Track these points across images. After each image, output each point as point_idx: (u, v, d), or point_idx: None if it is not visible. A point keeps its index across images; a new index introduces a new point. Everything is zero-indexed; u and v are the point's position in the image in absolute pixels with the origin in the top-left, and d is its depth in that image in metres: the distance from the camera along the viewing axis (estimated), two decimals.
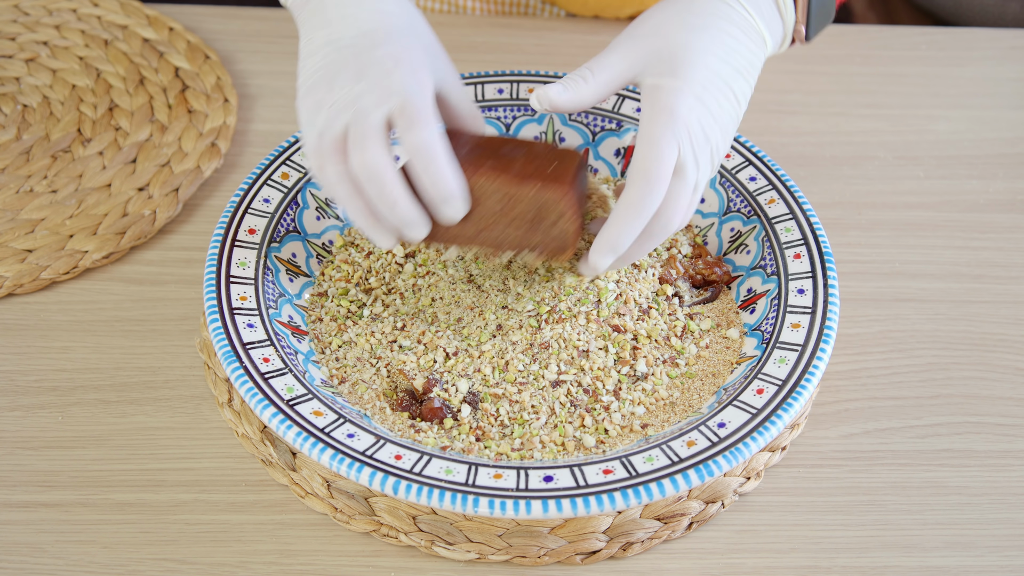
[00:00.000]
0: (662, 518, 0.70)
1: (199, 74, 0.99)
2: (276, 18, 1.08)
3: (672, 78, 0.67)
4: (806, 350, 0.71)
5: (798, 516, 0.71)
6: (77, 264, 0.84)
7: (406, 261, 0.80)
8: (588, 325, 0.74)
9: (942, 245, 0.89)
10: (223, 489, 0.72)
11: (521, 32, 1.07)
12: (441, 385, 0.72)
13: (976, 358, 0.81)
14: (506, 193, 0.68)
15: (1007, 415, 0.77)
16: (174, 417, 0.75)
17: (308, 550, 0.69)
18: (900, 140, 0.98)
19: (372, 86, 0.66)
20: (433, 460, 0.65)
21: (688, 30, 0.68)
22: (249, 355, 0.69)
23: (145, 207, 0.88)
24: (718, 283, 0.80)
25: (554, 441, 0.70)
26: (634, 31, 0.70)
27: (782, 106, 1.01)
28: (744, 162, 0.84)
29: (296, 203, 0.81)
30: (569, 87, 0.69)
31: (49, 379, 0.77)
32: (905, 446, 0.75)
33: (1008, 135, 0.99)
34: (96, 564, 0.68)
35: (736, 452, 0.65)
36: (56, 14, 1.05)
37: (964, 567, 0.69)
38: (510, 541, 0.68)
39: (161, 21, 1.04)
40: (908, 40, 1.09)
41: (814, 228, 0.78)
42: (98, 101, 0.97)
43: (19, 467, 0.72)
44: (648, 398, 0.73)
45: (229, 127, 0.95)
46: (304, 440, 0.65)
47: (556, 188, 0.67)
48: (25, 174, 0.91)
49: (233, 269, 0.75)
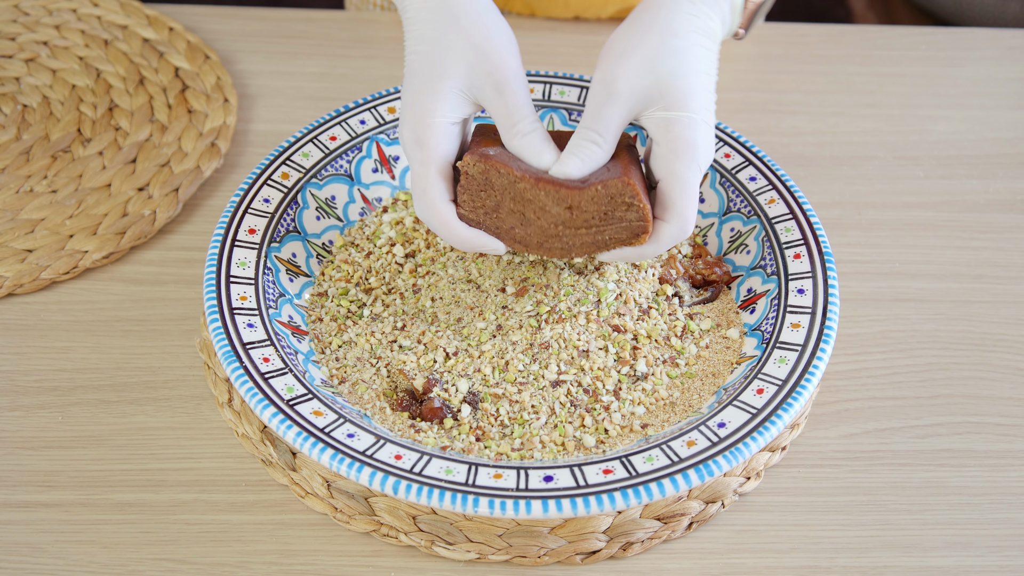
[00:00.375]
0: (662, 518, 0.70)
1: (199, 74, 0.99)
2: (276, 18, 1.08)
3: (680, 109, 0.69)
4: (806, 350, 0.71)
5: (798, 516, 0.71)
6: (77, 264, 0.84)
7: (406, 261, 0.80)
8: (588, 325, 0.74)
9: (942, 245, 0.89)
10: (223, 489, 0.72)
11: (521, 32, 1.07)
12: (441, 385, 0.72)
13: (976, 358, 0.81)
14: (571, 202, 0.69)
15: (1007, 415, 0.77)
16: (174, 417, 0.75)
17: (308, 550, 0.69)
18: (900, 140, 0.98)
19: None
20: (433, 460, 0.65)
21: (676, 56, 0.69)
22: (249, 355, 0.69)
23: (145, 207, 0.88)
24: (718, 283, 0.80)
25: (554, 441, 0.70)
26: (621, 70, 0.69)
27: (782, 106, 1.01)
28: (744, 162, 0.84)
29: (296, 203, 0.81)
30: (585, 158, 0.70)
31: (49, 379, 0.77)
32: (905, 446, 0.75)
33: (1008, 135, 0.99)
34: (96, 564, 0.68)
35: (736, 452, 0.65)
36: (56, 14, 1.05)
37: (964, 567, 0.69)
38: (510, 541, 0.68)
39: (161, 21, 1.04)
40: (908, 40, 1.09)
41: (814, 228, 0.78)
42: (98, 101, 0.97)
43: (19, 467, 0.72)
44: (648, 398, 0.73)
45: (229, 127, 0.95)
46: (304, 440, 0.65)
47: (618, 180, 0.69)
48: (25, 174, 0.91)
49: (233, 269, 0.75)
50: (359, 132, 0.85)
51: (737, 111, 1.00)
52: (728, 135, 0.85)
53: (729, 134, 0.85)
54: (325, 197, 0.82)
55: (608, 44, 0.71)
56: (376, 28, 1.07)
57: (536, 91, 0.88)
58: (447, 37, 0.70)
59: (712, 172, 0.84)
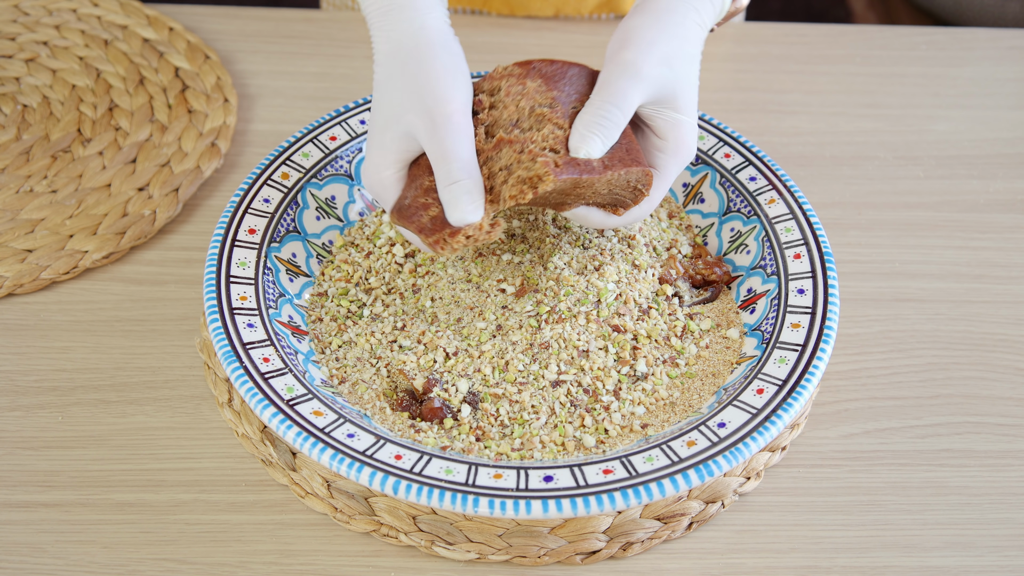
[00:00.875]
0: (662, 518, 0.70)
1: (199, 74, 0.99)
2: (276, 18, 1.08)
3: (686, 114, 0.72)
4: (806, 350, 0.71)
5: (798, 516, 0.71)
6: (77, 264, 0.84)
7: (406, 261, 0.80)
8: (588, 325, 0.74)
9: (942, 245, 0.89)
10: (223, 489, 0.72)
11: (521, 32, 1.07)
12: (441, 385, 0.72)
13: (976, 358, 0.81)
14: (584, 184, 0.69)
15: (1007, 415, 0.77)
16: (174, 417, 0.75)
17: (308, 550, 0.69)
18: (900, 140, 0.98)
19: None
20: (433, 460, 0.65)
21: (689, 62, 0.72)
22: (249, 355, 0.69)
23: (145, 207, 0.88)
24: (718, 283, 0.80)
25: (554, 441, 0.70)
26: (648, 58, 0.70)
27: (782, 106, 1.01)
28: (744, 162, 0.84)
29: (296, 203, 0.81)
30: (606, 137, 0.69)
31: (49, 379, 0.77)
32: (905, 446, 0.75)
33: (1008, 135, 0.99)
34: (96, 564, 0.68)
35: (736, 452, 0.65)
36: (56, 14, 1.05)
37: (964, 567, 0.69)
38: (510, 541, 0.68)
39: (161, 21, 1.04)
40: (908, 40, 1.09)
41: (814, 228, 0.78)
42: (98, 101, 0.97)
43: (19, 467, 0.72)
44: (648, 398, 0.73)
45: (229, 127, 0.95)
46: (304, 440, 0.65)
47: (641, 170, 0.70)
48: (25, 174, 0.91)
49: (233, 269, 0.75)
50: (359, 132, 0.85)
51: (737, 111, 1.00)
52: (728, 135, 0.85)
53: (729, 134, 0.85)
54: (325, 197, 0.82)
55: (630, 28, 0.71)
56: None
57: None
58: (390, 82, 0.70)
59: (712, 172, 0.84)
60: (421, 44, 0.69)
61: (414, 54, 0.69)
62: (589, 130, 0.69)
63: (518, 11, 1.08)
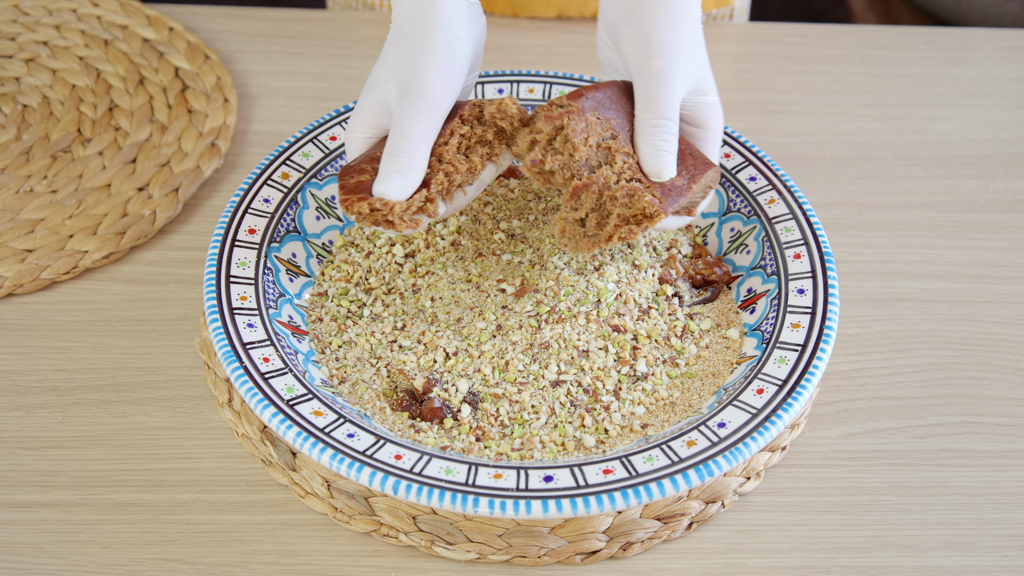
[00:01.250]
0: (662, 518, 0.70)
1: (199, 74, 0.99)
2: (276, 18, 1.08)
3: (713, 95, 0.74)
4: (806, 350, 0.71)
5: (798, 516, 0.71)
6: (77, 264, 0.84)
7: (406, 261, 0.80)
8: (588, 325, 0.74)
9: (942, 245, 0.89)
10: (223, 489, 0.72)
11: (521, 32, 1.07)
12: (441, 385, 0.72)
13: (976, 358, 0.81)
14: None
15: (1007, 415, 0.77)
16: (174, 417, 0.75)
17: (308, 550, 0.69)
18: (900, 140, 0.98)
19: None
20: (433, 460, 0.65)
21: (701, 44, 0.74)
22: (249, 355, 0.69)
23: (145, 207, 0.88)
24: (718, 283, 0.80)
25: (554, 441, 0.70)
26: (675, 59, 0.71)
27: (782, 106, 1.01)
28: (744, 162, 0.84)
29: (296, 203, 0.81)
30: (673, 151, 0.71)
31: (49, 379, 0.77)
32: (905, 446, 0.75)
33: (1008, 135, 0.99)
34: (96, 564, 0.68)
35: (736, 452, 0.65)
36: (56, 14, 1.05)
37: (964, 567, 0.69)
38: (510, 541, 0.68)
39: (161, 21, 1.04)
40: (908, 40, 1.09)
41: (814, 228, 0.78)
42: (98, 101, 0.97)
43: (19, 467, 0.72)
44: (648, 398, 0.73)
45: (229, 127, 0.95)
46: (304, 440, 0.65)
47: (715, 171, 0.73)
48: (25, 174, 0.91)
49: (233, 269, 0.75)
50: None
51: (737, 111, 1.00)
52: (728, 135, 0.85)
53: (729, 134, 0.85)
54: (325, 197, 0.82)
55: (646, 30, 0.72)
56: (377, 28, 1.07)
57: (536, 91, 0.88)
58: (388, 51, 0.72)
59: None
60: (424, 20, 0.70)
61: (416, 28, 0.70)
62: (658, 153, 0.71)
63: (520, 12, 1.09)
